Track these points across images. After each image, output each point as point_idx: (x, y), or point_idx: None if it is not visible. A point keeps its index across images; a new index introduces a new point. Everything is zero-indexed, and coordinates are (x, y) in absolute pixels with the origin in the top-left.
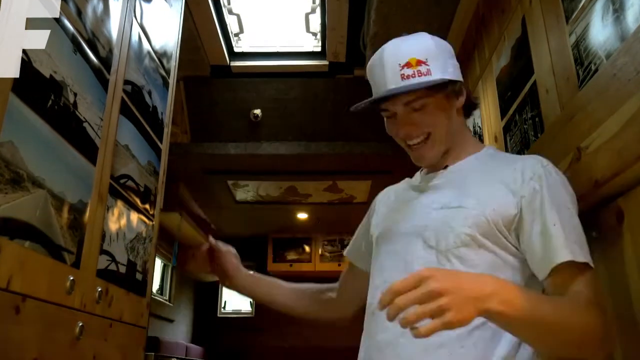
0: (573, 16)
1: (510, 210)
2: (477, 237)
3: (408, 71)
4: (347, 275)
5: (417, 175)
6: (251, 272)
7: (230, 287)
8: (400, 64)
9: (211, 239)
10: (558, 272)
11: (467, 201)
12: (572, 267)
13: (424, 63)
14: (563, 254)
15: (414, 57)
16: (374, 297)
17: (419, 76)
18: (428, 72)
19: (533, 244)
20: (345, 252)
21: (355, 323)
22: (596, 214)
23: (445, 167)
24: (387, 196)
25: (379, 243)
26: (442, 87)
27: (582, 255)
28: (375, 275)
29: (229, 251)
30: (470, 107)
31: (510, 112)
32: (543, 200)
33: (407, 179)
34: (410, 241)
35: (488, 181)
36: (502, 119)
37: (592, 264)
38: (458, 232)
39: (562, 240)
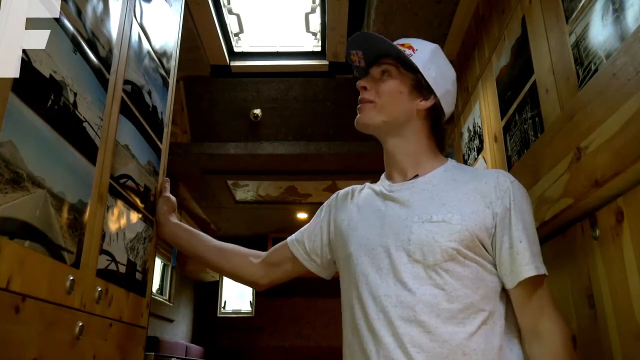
0: (573, 16)
1: (488, 224)
2: (462, 251)
3: (396, 46)
4: (282, 255)
5: (384, 181)
6: (179, 222)
7: (158, 234)
8: (399, 43)
9: (165, 186)
10: (523, 284)
11: (450, 216)
12: (534, 279)
13: (413, 49)
14: (528, 270)
15: (409, 43)
16: (365, 312)
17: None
18: (409, 55)
19: (502, 257)
20: (289, 243)
21: None
22: (596, 214)
23: (416, 176)
24: (352, 201)
25: (356, 256)
26: (411, 72)
27: (542, 268)
28: (360, 288)
29: (165, 198)
30: (439, 129)
31: (510, 111)
32: (511, 217)
33: (368, 184)
34: (394, 255)
35: (466, 195)
36: (502, 118)
37: (546, 272)
38: (445, 247)
39: (528, 256)
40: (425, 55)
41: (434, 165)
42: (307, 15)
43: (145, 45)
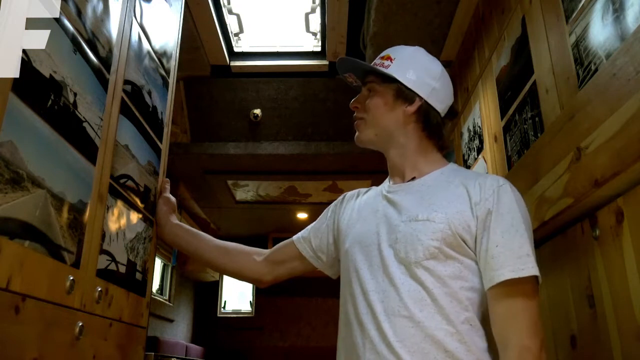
0: (573, 16)
1: (471, 225)
2: (444, 249)
3: (377, 60)
4: (288, 252)
5: (386, 183)
6: (179, 223)
7: (158, 235)
8: (380, 56)
9: (165, 186)
10: (496, 288)
11: (434, 215)
12: (511, 285)
13: (390, 60)
14: (500, 275)
15: (389, 54)
16: (355, 307)
17: (379, 65)
18: (387, 66)
19: (480, 260)
20: (295, 240)
21: None
22: (596, 214)
23: (413, 178)
24: (355, 202)
25: (351, 252)
26: (390, 82)
27: (520, 271)
28: (352, 284)
29: (165, 198)
30: (436, 128)
31: (510, 111)
32: (492, 221)
33: (373, 187)
34: (384, 253)
35: (454, 195)
36: (502, 118)
37: (532, 273)
38: (427, 244)
39: (502, 261)
40: (402, 61)
41: (431, 167)
42: (307, 15)
43: (145, 45)
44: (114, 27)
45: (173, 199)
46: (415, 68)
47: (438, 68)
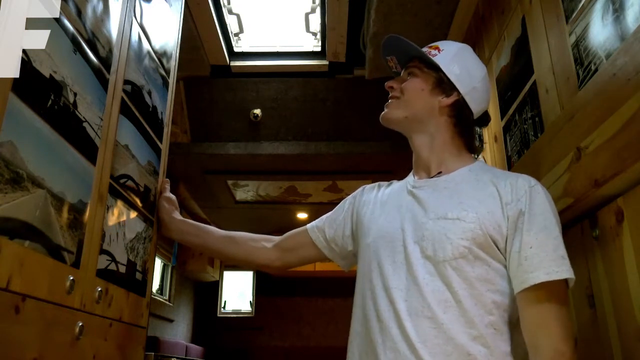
0: (573, 16)
1: (502, 226)
2: (473, 250)
3: (425, 48)
4: (300, 240)
5: (411, 178)
6: (184, 219)
7: (163, 233)
8: (429, 45)
9: (165, 186)
10: (528, 291)
11: (465, 214)
12: (543, 287)
13: (439, 50)
14: (534, 277)
15: (437, 45)
16: (375, 302)
17: (427, 53)
18: (434, 55)
19: (511, 261)
20: (309, 229)
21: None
22: (596, 214)
23: (439, 173)
24: (376, 195)
25: (374, 247)
26: (433, 70)
27: (560, 272)
28: (373, 279)
29: (166, 198)
30: (466, 127)
31: (510, 111)
32: (524, 222)
33: (395, 181)
34: (409, 250)
35: (483, 195)
36: (502, 118)
37: (567, 275)
38: (456, 244)
39: (536, 263)
40: (449, 54)
41: (459, 164)
42: (307, 15)
43: (145, 45)
44: (114, 27)
45: (174, 197)
46: (461, 63)
47: (482, 70)
